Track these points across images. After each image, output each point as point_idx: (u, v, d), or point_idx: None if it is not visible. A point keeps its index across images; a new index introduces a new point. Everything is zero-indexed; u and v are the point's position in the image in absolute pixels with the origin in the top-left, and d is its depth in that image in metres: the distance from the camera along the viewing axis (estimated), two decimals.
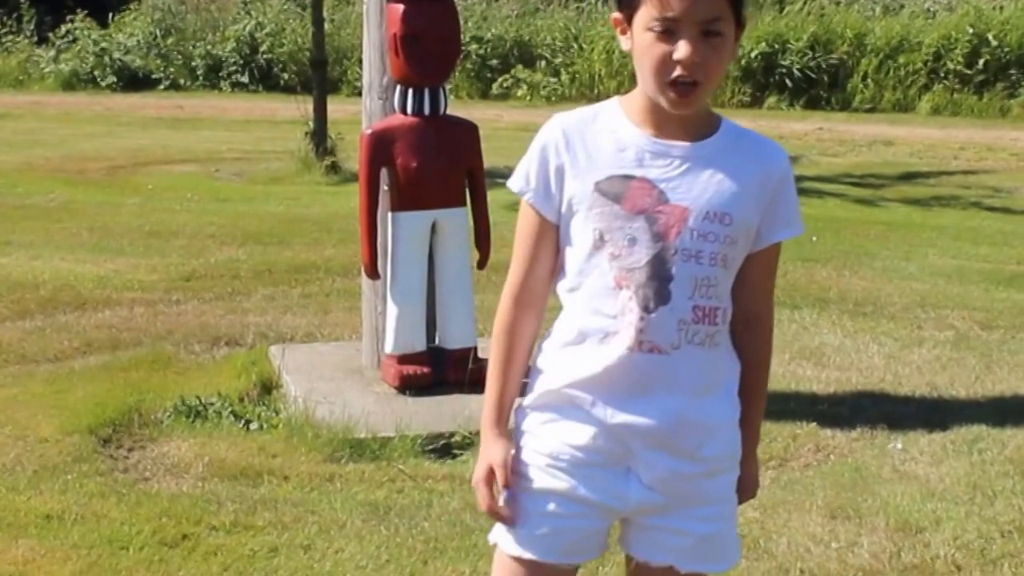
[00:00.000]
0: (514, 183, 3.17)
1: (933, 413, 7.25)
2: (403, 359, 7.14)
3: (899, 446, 6.71)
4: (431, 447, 6.54)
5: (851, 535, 5.64)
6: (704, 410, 3.08)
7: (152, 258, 10.98)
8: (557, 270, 3.17)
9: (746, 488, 3.26)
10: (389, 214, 7.16)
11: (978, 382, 7.85)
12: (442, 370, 7.17)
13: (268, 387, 7.49)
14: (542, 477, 3.12)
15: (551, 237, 3.15)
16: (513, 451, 3.19)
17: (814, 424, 6.90)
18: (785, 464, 6.46)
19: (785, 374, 7.79)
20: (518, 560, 3.17)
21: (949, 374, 8.00)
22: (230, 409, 7.04)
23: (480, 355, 7.28)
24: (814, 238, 11.85)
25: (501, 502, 3.16)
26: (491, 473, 3.17)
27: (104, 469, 6.33)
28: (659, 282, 3.00)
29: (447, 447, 6.57)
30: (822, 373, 7.83)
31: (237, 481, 6.17)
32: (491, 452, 3.19)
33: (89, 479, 6.16)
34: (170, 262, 10.83)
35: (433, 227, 7.17)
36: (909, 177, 16.12)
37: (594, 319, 3.05)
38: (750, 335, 3.19)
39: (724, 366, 3.14)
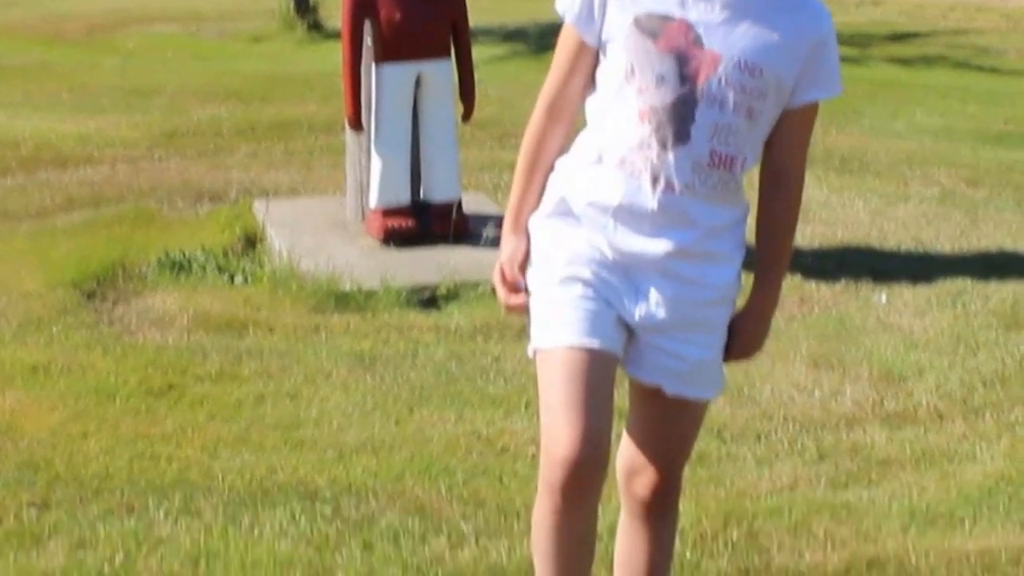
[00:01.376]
0: (560, 4, 3.19)
1: (918, 267, 7.26)
2: (387, 212, 7.12)
3: (883, 299, 6.73)
4: (416, 299, 6.54)
5: (834, 384, 5.67)
6: (710, 245, 3.11)
7: (133, 116, 10.89)
8: (589, 88, 3.20)
9: (750, 343, 3.27)
10: (373, 66, 7.09)
11: (963, 237, 7.86)
12: (427, 223, 7.15)
13: (252, 241, 7.47)
14: (565, 268, 3.14)
15: (588, 59, 3.17)
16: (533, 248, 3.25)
17: (799, 276, 6.91)
18: None
19: None
20: (562, 351, 3.09)
21: (934, 229, 8.01)
22: (214, 263, 7.02)
23: (464, 209, 7.27)
24: None
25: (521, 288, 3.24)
26: (509, 269, 3.27)
27: (89, 322, 6.33)
28: (680, 122, 3.03)
29: (432, 299, 6.58)
30: (807, 228, 7.82)
31: (222, 333, 6.18)
32: (508, 248, 3.29)
33: (75, 331, 6.16)
34: (152, 120, 10.74)
35: (417, 81, 7.11)
36: (897, 37, 16.00)
37: (614, 146, 3.09)
38: (778, 192, 3.20)
39: (735, 214, 3.16)
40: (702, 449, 4.97)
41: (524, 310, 3.25)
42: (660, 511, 3.36)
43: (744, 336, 3.26)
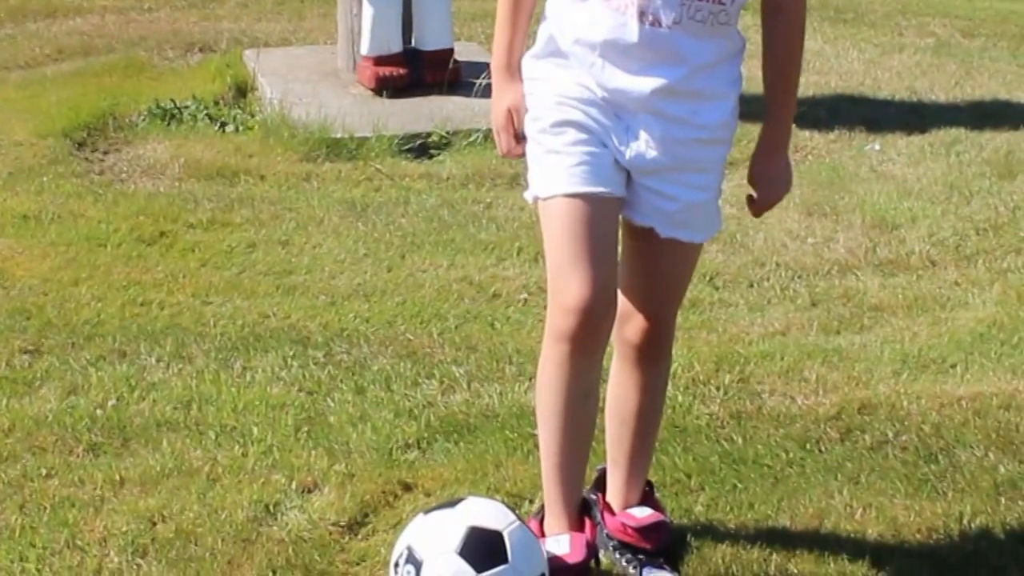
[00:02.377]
0: None
1: (912, 116, 7.22)
2: (379, 60, 7.04)
3: (877, 147, 6.70)
4: (408, 147, 6.50)
5: (827, 231, 5.66)
6: (700, 82, 3.06)
7: None
8: None
9: (769, 184, 3.23)
10: None
11: (958, 87, 7.81)
12: (419, 71, 7.08)
13: (243, 90, 7.41)
14: (556, 112, 3.11)
15: None
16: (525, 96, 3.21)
17: (793, 125, 6.83)
18: None
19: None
20: (565, 199, 3.08)
21: (929, 79, 7.95)
22: (205, 112, 6.97)
23: (456, 58, 7.20)
24: None
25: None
26: (508, 116, 3.24)
27: (80, 171, 6.29)
28: None
29: (424, 147, 6.54)
30: (801, 77, 7.70)
31: (213, 181, 6.15)
32: (505, 96, 3.26)
33: (65, 180, 6.13)
34: None
35: None
36: None
37: None
38: (778, 21, 3.15)
39: (727, 49, 3.10)
40: (695, 295, 4.98)
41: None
42: (652, 356, 3.36)
43: (762, 177, 3.22)
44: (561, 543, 3.26)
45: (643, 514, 3.41)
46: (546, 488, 3.31)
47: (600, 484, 3.49)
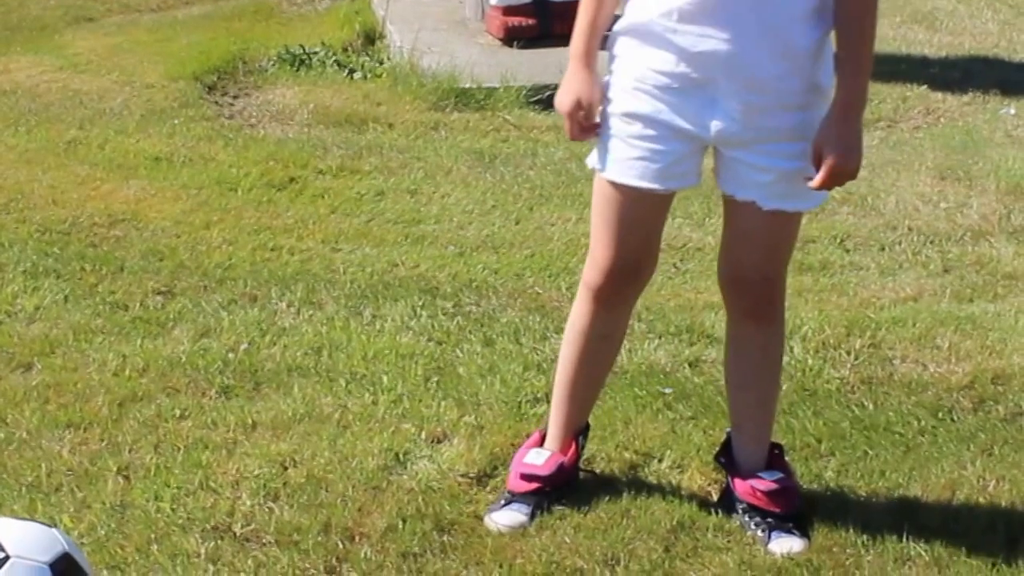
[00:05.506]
0: None
1: None
2: (508, 10, 7.03)
3: (1012, 111, 6.58)
4: (536, 98, 6.49)
5: (960, 196, 5.57)
6: (783, 39, 3.02)
7: None
8: None
9: (836, 153, 3.06)
10: None
11: None
12: (548, 23, 7.05)
13: (371, 38, 7.44)
14: (629, 100, 3.12)
15: None
16: (605, 78, 3.19)
17: (925, 87, 6.77)
18: (894, 125, 6.37)
19: (896, 37, 7.62)
20: (615, 185, 3.19)
21: None
22: (334, 58, 7.01)
23: None
24: None
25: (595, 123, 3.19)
26: (577, 104, 3.18)
27: (210, 114, 6.36)
28: None
29: (552, 99, 6.49)
30: (934, 37, 7.65)
31: (342, 127, 6.18)
32: (577, 84, 3.20)
33: (196, 123, 6.19)
34: None
35: None
36: None
37: None
38: None
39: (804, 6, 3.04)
40: (825, 257, 4.95)
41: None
42: (764, 318, 3.34)
43: (828, 143, 3.06)
44: (541, 455, 3.45)
45: (772, 478, 3.39)
46: (552, 407, 3.50)
47: (727, 448, 3.47)
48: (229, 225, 5.12)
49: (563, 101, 3.22)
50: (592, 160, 3.26)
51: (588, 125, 3.21)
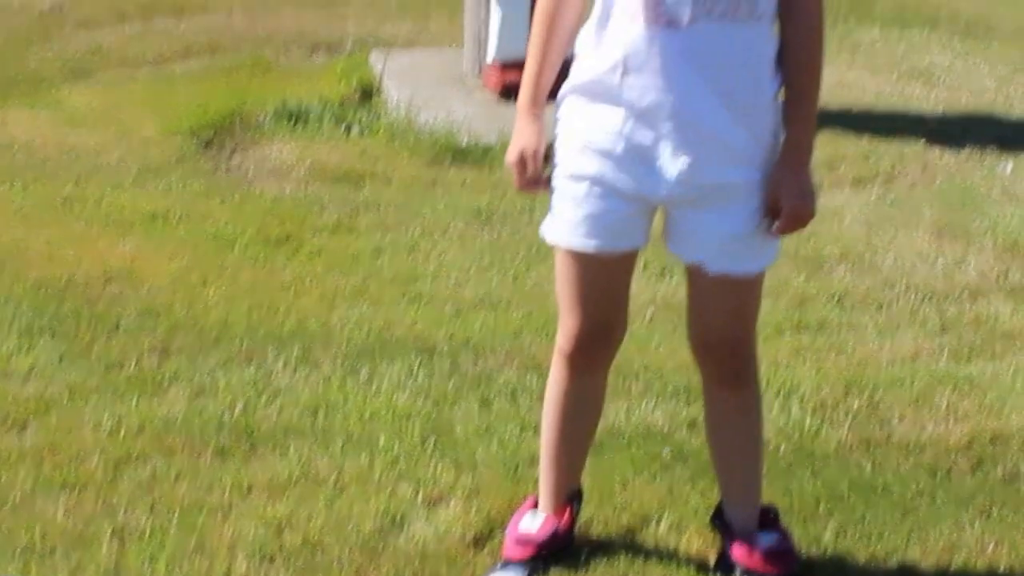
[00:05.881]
0: None
1: None
2: (506, 66, 7.04)
3: (1009, 168, 6.58)
4: None
5: (958, 253, 5.57)
6: (733, 92, 3.00)
7: None
8: None
9: (788, 203, 3.05)
10: None
11: None
12: None
13: (369, 92, 7.44)
14: (576, 161, 3.10)
15: None
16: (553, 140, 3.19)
17: (922, 143, 6.77)
18: (892, 182, 6.36)
19: (893, 92, 7.65)
20: (568, 253, 3.19)
21: None
22: (331, 114, 7.01)
23: None
24: None
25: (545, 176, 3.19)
26: (521, 156, 3.17)
27: (207, 170, 6.36)
28: None
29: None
30: (931, 92, 7.67)
31: (339, 184, 6.18)
32: (524, 136, 3.18)
33: (193, 179, 6.19)
34: None
35: None
36: None
37: None
38: (793, 22, 3.05)
39: (757, 49, 3.03)
40: (823, 316, 4.95)
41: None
42: (734, 384, 3.32)
43: (784, 192, 3.05)
44: (535, 521, 3.45)
45: (768, 540, 3.38)
46: (540, 472, 3.49)
47: (722, 511, 3.46)
48: (225, 283, 5.11)
49: (509, 153, 3.21)
50: (543, 228, 3.25)
51: (534, 177, 3.18)
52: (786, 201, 3.07)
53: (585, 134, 3.09)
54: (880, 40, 8.77)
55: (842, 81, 7.67)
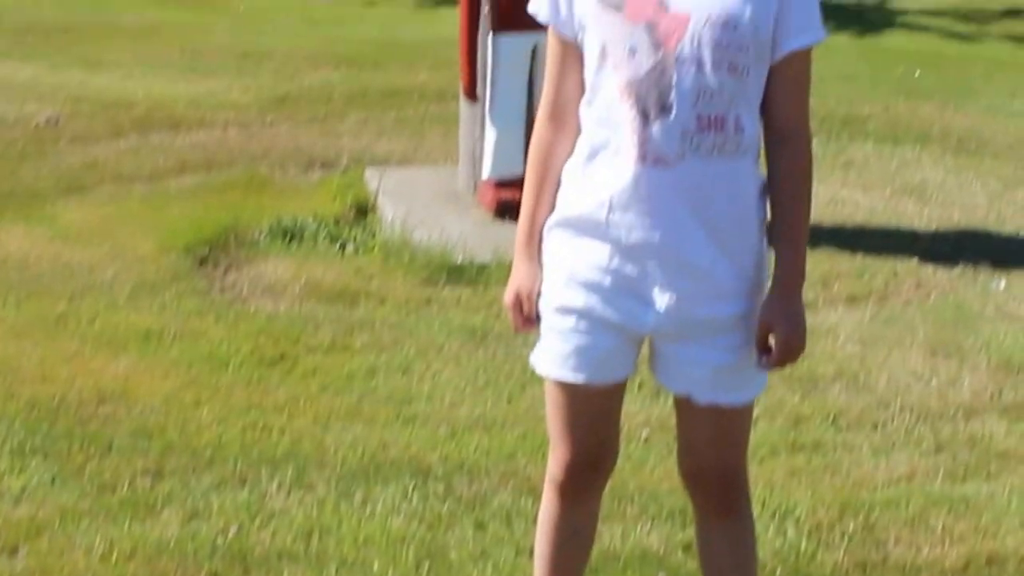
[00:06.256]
0: (532, 6, 3.16)
1: None
2: (501, 184, 7.07)
3: (1002, 285, 6.60)
4: None
5: (952, 372, 5.57)
6: (719, 225, 3.01)
7: (245, 79, 10.89)
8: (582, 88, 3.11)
9: (781, 335, 3.06)
10: (489, 36, 7.04)
11: None
12: None
13: (364, 210, 7.46)
14: (562, 295, 3.11)
15: (573, 56, 3.10)
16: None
17: (915, 260, 6.79)
18: (885, 300, 6.37)
19: (886, 209, 7.68)
20: (557, 384, 3.21)
21: None
22: (326, 231, 7.02)
23: None
24: (917, 72, 11.61)
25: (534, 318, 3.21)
26: (517, 297, 3.21)
27: (201, 288, 6.36)
28: (659, 91, 2.94)
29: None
30: (924, 209, 7.71)
31: (334, 302, 6.18)
32: (519, 275, 3.22)
33: (187, 298, 6.19)
34: (263, 83, 10.74)
35: (533, 52, 7.04)
36: (1014, 13, 15.71)
37: (601, 131, 3.03)
38: (782, 153, 3.08)
39: (740, 177, 3.04)
40: (818, 437, 4.94)
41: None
42: (727, 514, 3.31)
43: (776, 323, 3.06)
44: None
45: None
46: None
47: None
48: (219, 403, 5.11)
49: (506, 294, 3.24)
50: (532, 359, 3.27)
51: (529, 317, 3.21)
52: (778, 331, 3.07)
53: (572, 267, 3.10)
54: (873, 156, 8.81)
55: (835, 198, 7.71)
